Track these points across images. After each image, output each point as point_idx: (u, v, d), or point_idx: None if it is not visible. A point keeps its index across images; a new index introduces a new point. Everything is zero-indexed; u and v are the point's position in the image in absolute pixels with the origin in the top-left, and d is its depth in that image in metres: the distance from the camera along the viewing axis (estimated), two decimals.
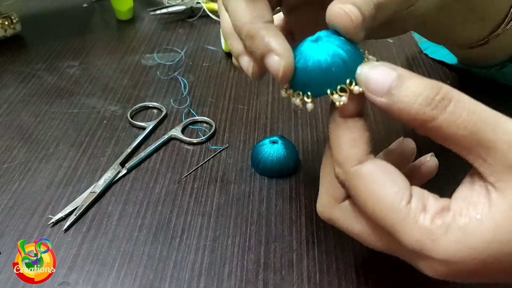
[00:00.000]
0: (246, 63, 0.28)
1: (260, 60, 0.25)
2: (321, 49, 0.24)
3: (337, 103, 0.25)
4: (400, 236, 0.23)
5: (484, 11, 0.38)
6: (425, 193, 0.24)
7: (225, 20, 0.29)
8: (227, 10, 0.27)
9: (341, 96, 0.24)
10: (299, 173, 0.40)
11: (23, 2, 0.71)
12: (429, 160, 0.30)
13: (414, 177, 0.30)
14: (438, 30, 0.41)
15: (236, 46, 0.28)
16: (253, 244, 0.34)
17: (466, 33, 0.41)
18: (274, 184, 0.39)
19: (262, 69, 0.27)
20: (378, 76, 0.23)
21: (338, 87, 0.24)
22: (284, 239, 0.34)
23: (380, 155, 0.31)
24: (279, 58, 0.24)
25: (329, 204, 0.27)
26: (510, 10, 0.38)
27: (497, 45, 0.41)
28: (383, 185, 0.23)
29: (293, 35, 0.32)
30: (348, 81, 0.24)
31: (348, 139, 0.25)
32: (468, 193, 0.23)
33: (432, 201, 0.23)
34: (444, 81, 0.51)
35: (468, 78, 0.51)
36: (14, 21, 0.60)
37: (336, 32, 0.25)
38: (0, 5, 0.63)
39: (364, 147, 0.25)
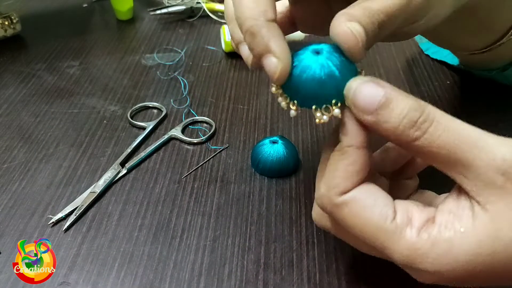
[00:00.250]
0: (246, 52, 0.28)
1: (258, 58, 0.25)
2: (319, 64, 0.24)
3: (317, 120, 0.25)
4: (389, 253, 0.24)
5: (491, 24, 0.38)
6: (409, 206, 0.25)
7: (230, 5, 0.29)
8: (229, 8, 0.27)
9: (323, 115, 0.25)
10: (299, 173, 0.40)
11: (23, 2, 0.71)
12: None
13: (412, 165, 0.31)
14: (442, 37, 0.41)
15: (238, 33, 0.28)
16: (253, 244, 0.34)
17: (471, 43, 0.41)
18: (274, 184, 0.39)
19: (260, 63, 0.27)
20: (365, 94, 0.24)
21: (324, 106, 0.25)
22: (284, 239, 0.34)
23: (377, 152, 0.31)
24: (277, 60, 0.24)
25: (323, 213, 0.27)
26: None
27: (499, 52, 0.41)
28: (367, 208, 0.24)
29: (296, 24, 0.32)
30: (334, 101, 0.25)
31: (344, 169, 0.25)
32: (454, 206, 0.24)
33: (417, 213, 0.24)
34: (444, 81, 0.51)
35: (468, 78, 0.51)
36: (14, 21, 0.60)
37: (339, 48, 0.25)
38: (0, 5, 0.63)
39: (357, 178, 0.25)
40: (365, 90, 0.24)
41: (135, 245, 0.34)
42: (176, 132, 0.44)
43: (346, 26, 0.24)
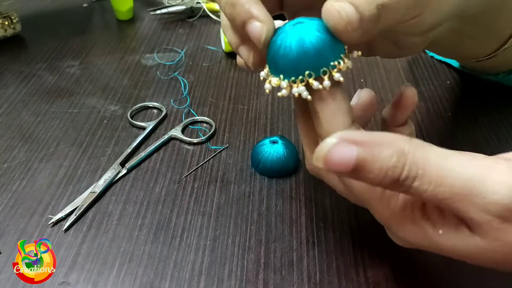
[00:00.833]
0: (245, 53, 0.28)
1: (241, 28, 0.25)
2: (295, 36, 0.24)
3: (296, 94, 0.25)
4: (374, 210, 0.26)
5: (494, 30, 0.38)
6: None
7: (223, 15, 0.29)
8: None
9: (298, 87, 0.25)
10: (299, 173, 0.40)
11: (23, 2, 0.71)
12: (406, 91, 0.30)
13: (400, 108, 0.31)
14: (446, 49, 0.40)
15: (235, 38, 0.28)
16: (253, 244, 0.34)
17: (476, 51, 0.40)
18: (274, 184, 0.39)
19: (258, 57, 0.27)
20: (338, 158, 0.22)
21: (300, 77, 0.25)
22: (284, 239, 0.34)
23: (353, 101, 0.32)
24: (261, 24, 0.24)
25: None
26: None
27: (504, 58, 0.41)
28: None
29: (282, 5, 0.32)
30: (307, 73, 0.24)
31: (327, 113, 0.25)
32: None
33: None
34: (444, 81, 0.51)
35: (469, 78, 0.51)
36: (14, 21, 0.60)
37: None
38: (0, 5, 0.62)
39: (343, 119, 0.25)
40: (335, 154, 0.22)
41: (136, 244, 0.34)
42: (176, 132, 0.44)
43: (331, 4, 0.24)
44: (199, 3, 0.65)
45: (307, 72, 0.25)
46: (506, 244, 0.22)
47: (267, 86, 0.26)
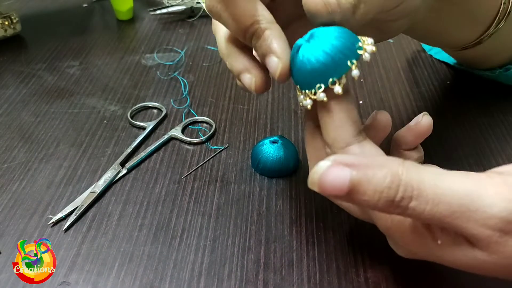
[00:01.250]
0: (247, 80, 0.29)
1: (262, 58, 0.27)
2: (312, 49, 0.25)
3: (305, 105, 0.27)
4: (375, 220, 0.26)
5: (476, 11, 0.38)
6: None
7: (222, 39, 0.30)
8: (225, 16, 0.28)
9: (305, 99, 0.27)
10: (299, 173, 0.40)
11: (23, 2, 0.71)
12: (423, 120, 0.31)
13: (416, 135, 0.31)
14: (429, 33, 0.41)
15: (236, 65, 0.29)
16: (253, 244, 0.34)
17: (459, 34, 0.41)
18: (274, 184, 0.39)
19: (263, 81, 0.28)
20: (331, 181, 0.23)
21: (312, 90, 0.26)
22: (284, 239, 0.34)
23: (368, 120, 0.31)
24: (278, 60, 0.26)
25: None
26: (500, 7, 0.38)
27: (492, 45, 0.41)
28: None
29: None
30: (317, 86, 0.26)
31: (334, 121, 0.26)
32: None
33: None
34: (444, 81, 0.51)
35: (469, 78, 0.51)
36: (14, 21, 0.60)
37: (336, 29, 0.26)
38: (0, 5, 0.63)
39: (351, 129, 0.25)
40: (329, 177, 0.22)
41: (135, 245, 0.34)
42: (176, 132, 0.44)
43: None
44: (199, 3, 0.65)
45: (317, 85, 0.26)
46: (507, 257, 0.22)
47: (300, 98, 0.28)
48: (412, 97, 0.49)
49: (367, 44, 0.26)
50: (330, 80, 0.25)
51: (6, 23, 0.59)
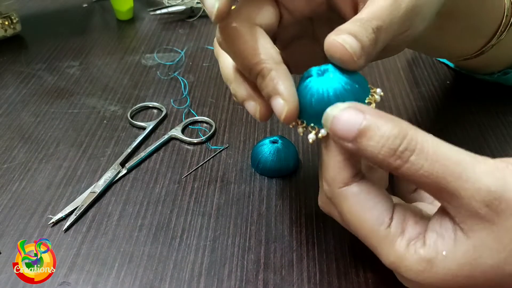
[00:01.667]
0: (252, 107, 0.29)
1: (267, 98, 0.26)
2: (325, 85, 0.25)
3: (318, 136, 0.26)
4: (378, 254, 0.25)
5: (479, 25, 0.38)
6: (407, 215, 0.25)
7: (226, 64, 0.30)
8: (231, 51, 0.27)
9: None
10: (299, 173, 0.40)
11: (23, 2, 0.71)
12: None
13: None
14: (432, 47, 0.41)
15: (240, 92, 0.29)
16: (253, 244, 0.34)
17: (461, 47, 0.41)
18: (274, 184, 0.39)
19: (268, 111, 0.28)
20: (344, 121, 0.24)
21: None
22: (284, 239, 0.34)
23: None
24: (283, 102, 0.25)
25: (327, 200, 0.28)
26: (503, 20, 0.38)
27: (493, 55, 0.41)
28: (366, 209, 0.25)
29: (288, 67, 0.33)
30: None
31: (336, 161, 0.26)
32: (437, 226, 0.24)
33: (412, 225, 0.25)
34: (444, 81, 0.51)
35: (469, 78, 0.51)
36: (14, 21, 0.60)
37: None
38: (0, 5, 0.63)
39: (351, 170, 0.26)
40: (343, 117, 0.24)
41: (135, 245, 0.34)
42: (176, 132, 0.44)
43: (333, 39, 0.24)
44: (199, 3, 0.65)
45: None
46: (480, 245, 0.23)
47: (299, 130, 0.27)
48: (412, 97, 0.49)
49: (374, 91, 0.26)
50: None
51: (6, 23, 0.59)
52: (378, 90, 0.26)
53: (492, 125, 0.45)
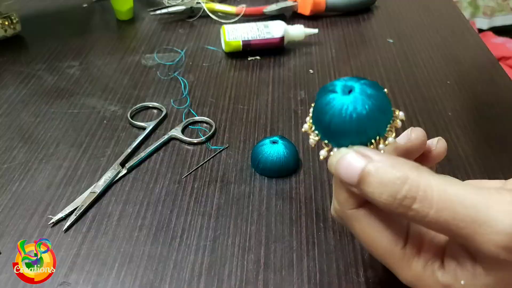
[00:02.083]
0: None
1: None
2: (348, 107, 0.24)
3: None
4: (395, 273, 0.25)
5: None
6: (422, 233, 0.25)
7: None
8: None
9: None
10: (299, 173, 0.40)
11: (23, 2, 0.71)
12: (437, 146, 0.30)
13: (427, 160, 0.30)
14: None
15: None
16: (253, 244, 0.34)
17: None
18: (274, 184, 0.39)
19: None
20: (346, 167, 0.24)
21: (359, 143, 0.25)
22: (284, 239, 0.34)
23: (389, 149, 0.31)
24: None
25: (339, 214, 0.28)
26: None
27: None
28: (379, 230, 0.25)
29: None
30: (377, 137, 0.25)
31: (346, 188, 0.25)
32: (456, 253, 0.24)
33: (428, 245, 0.25)
34: (445, 81, 0.51)
35: (469, 78, 0.51)
36: (14, 21, 0.60)
37: (371, 84, 0.24)
38: (0, 5, 0.63)
39: (361, 197, 0.25)
40: (345, 162, 0.24)
41: (135, 245, 0.34)
42: (176, 132, 0.44)
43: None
44: (199, 3, 0.65)
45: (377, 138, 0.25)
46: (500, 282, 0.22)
47: (312, 140, 0.27)
48: (412, 97, 0.49)
49: (397, 116, 0.25)
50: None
51: (6, 23, 0.59)
52: (401, 113, 0.25)
53: (492, 125, 0.44)
